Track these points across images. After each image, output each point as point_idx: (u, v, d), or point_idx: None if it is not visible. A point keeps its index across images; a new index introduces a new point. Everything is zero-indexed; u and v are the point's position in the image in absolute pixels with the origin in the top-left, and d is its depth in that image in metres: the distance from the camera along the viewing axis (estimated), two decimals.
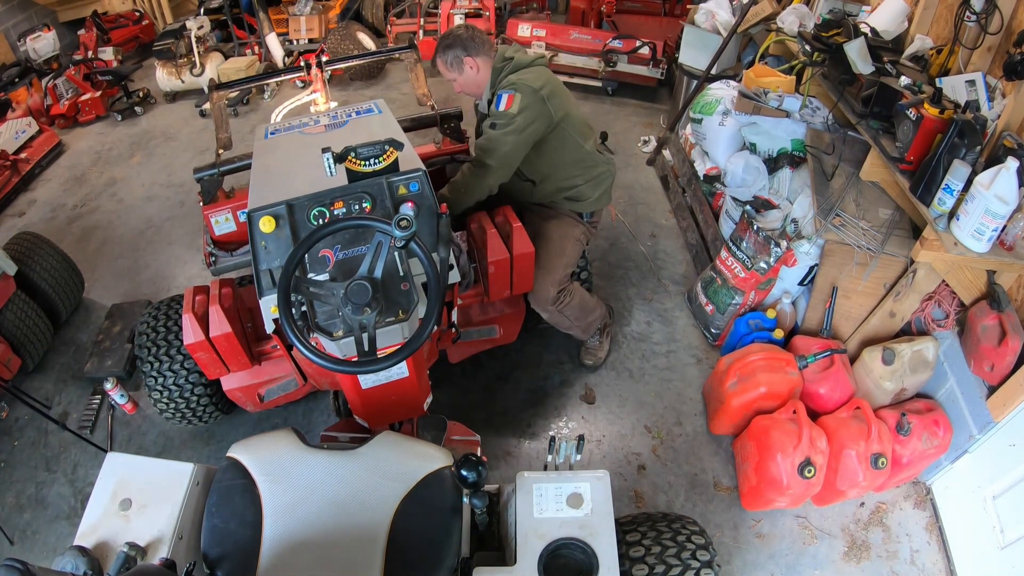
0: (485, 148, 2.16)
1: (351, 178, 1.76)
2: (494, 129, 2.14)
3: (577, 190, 2.39)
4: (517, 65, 2.23)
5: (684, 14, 4.48)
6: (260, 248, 1.70)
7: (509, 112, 2.12)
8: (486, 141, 2.16)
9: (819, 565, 2.13)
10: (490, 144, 2.15)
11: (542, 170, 2.34)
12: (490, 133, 2.15)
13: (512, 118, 2.12)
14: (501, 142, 2.14)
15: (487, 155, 2.15)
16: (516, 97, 2.13)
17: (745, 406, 2.27)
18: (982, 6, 2.06)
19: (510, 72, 2.23)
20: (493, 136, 2.14)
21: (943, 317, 2.24)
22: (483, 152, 2.17)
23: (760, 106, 2.78)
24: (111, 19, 5.92)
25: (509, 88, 2.15)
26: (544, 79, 2.19)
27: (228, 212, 2.42)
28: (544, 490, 1.53)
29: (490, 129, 2.15)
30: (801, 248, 2.43)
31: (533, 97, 2.13)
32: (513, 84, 2.16)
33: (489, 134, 2.15)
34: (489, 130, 2.15)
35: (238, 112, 4.93)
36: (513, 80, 2.17)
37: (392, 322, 1.57)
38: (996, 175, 1.77)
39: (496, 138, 2.14)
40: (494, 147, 2.15)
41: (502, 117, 2.13)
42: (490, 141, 2.15)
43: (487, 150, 2.16)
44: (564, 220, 2.44)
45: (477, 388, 2.72)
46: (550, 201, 2.44)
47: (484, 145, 2.17)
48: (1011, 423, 1.93)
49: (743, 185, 2.80)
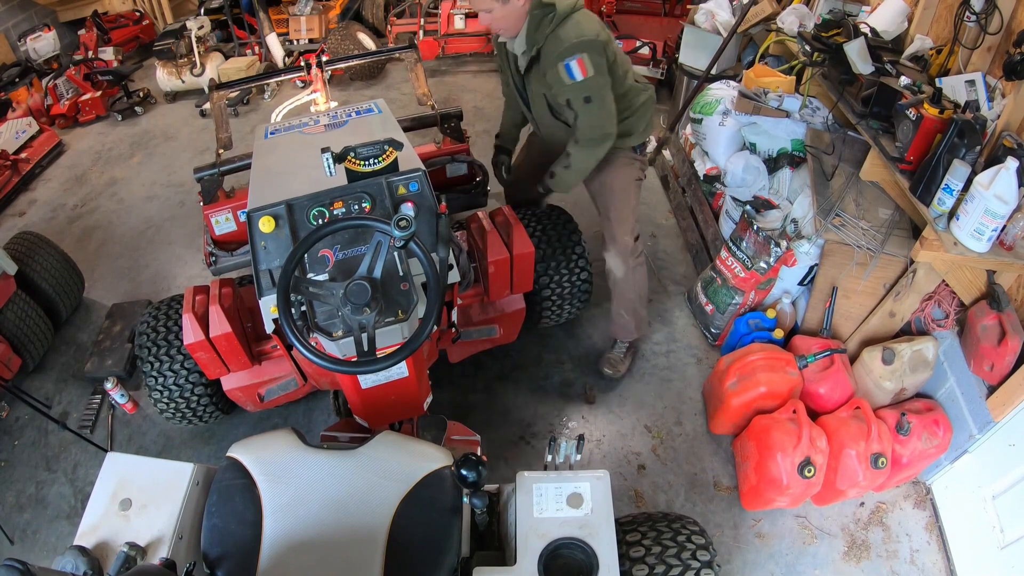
0: (596, 124, 2.10)
1: (351, 178, 1.76)
2: (590, 103, 2.04)
3: (626, 123, 2.28)
4: (562, 15, 2.01)
5: (684, 14, 4.48)
6: (260, 248, 1.70)
7: (588, 78, 2.00)
8: (594, 119, 2.09)
9: (819, 565, 2.13)
10: (598, 119, 2.08)
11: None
12: (591, 109, 2.06)
13: (596, 81, 2.02)
14: (606, 106, 2.07)
15: (602, 128, 2.10)
16: (585, 60, 1.98)
17: (745, 406, 2.27)
18: (982, 6, 2.06)
19: (556, 25, 2.01)
20: (595, 110, 2.06)
21: (943, 317, 2.24)
22: (597, 128, 2.11)
23: (760, 106, 2.78)
24: (111, 19, 5.93)
25: (573, 52, 1.98)
26: (596, 24, 2.05)
27: (228, 212, 2.42)
28: (544, 490, 1.53)
29: (586, 104, 2.04)
30: (801, 248, 2.43)
31: (597, 50, 2.00)
32: (575, 46, 1.97)
33: (591, 110, 2.06)
34: (587, 106, 2.05)
35: (238, 112, 4.93)
36: (572, 39, 1.98)
37: (392, 322, 1.57)
38: (996, 175, 1.77)
39: (598, 109, 2.06)
40: (601, 119, 2.09)
41: (587, 88, 2.02)
42: (596, 116, 2.08)
43: (598, 125, 2.10)
44: (620, 163, 2.37)
45: (477, 388, 2.72)
46: None
47: (595, 122, 2.10)
48: (1011, 423, 1.93)
49: (743, 185, 2.80)
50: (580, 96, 2.04)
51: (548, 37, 2.01)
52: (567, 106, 2.10)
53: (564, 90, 2.04)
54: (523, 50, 2.11)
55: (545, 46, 2.03)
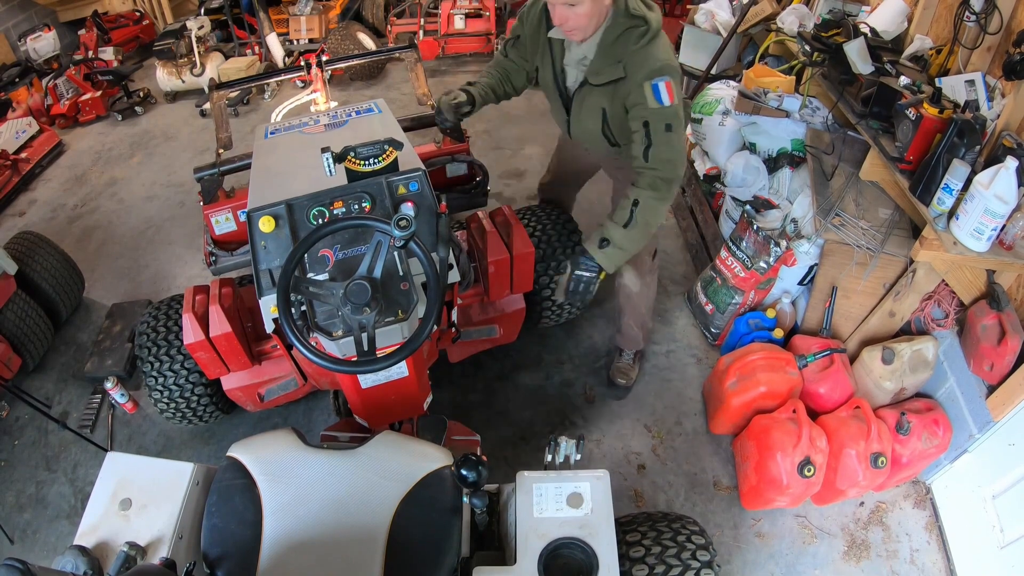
0: (672, 159, 1.85)
1: (350, 178, 1.76)
2: (671, 131, 1.83)
3: None
4: (655, 32, 1.84)
5: (684, 14, 4.48)
6: (260, 248, 1.71)
7: (674, 106, 1.82)
8: (672, 152, 1.85)
9: (819, 564, 2.13)
10: (676, 154, 1.86)
11: (628, 131, 1.99)
12: (670, 139, 1.84)
13: (679, 111, 1.84)
14: (682, 141, 1.87)
15: (675, 167, 1.86)
16: (673, 85, 1.82)
17: (745, 405, 2.27)
18: (981, 6, 2.06)
19: (649, 41, 1.83)
20: (674, 142, 1.85)
21: (943, 317, 2.24)
22: (670, 165, 1.85)
23: (760, 106, 2.78)
24: (111, 19, 5.93)
25: (663, 74, 1.81)
26: (671, 49, 1.90)
27: (228, 212, 2.42)
28: (544, 490, 1.53)
29: (666, 132, 1.83)
30: (801, 248, 2.43)
31: (679, 78, 1.86)
32: (667, 67, 1.82)
33: (671, 141, 1.84)
34: (666, 134, 1.83)
35: (238, 112, 4.93)
36: (663, 60, 1.83)
37: (392, 322, 1.57)
38: (995, 174, 1.77)
39: (677, 143, 1.85)
40: (678, 156, 1.86)
41: (672, 115, 1.82)
42: (674, 150, 1.85)
43: (674, 161, 1.86)
44: None
45: (477, 388, 2.72)
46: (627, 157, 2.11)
47: (671, 157, 1.85)
48: (1011, 422, 1.93)
49: (743, 185, 2.80)
50: (663, 122, 1.83)
51: (636, 52, 1.84)
52: (642, 130, 1.86)
53: (646, 112, 1.84)
54: (589, 57, 1.95)
55: (632, 61, 1.85)
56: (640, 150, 1.87)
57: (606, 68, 1.91)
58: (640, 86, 1.84)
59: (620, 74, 1.88)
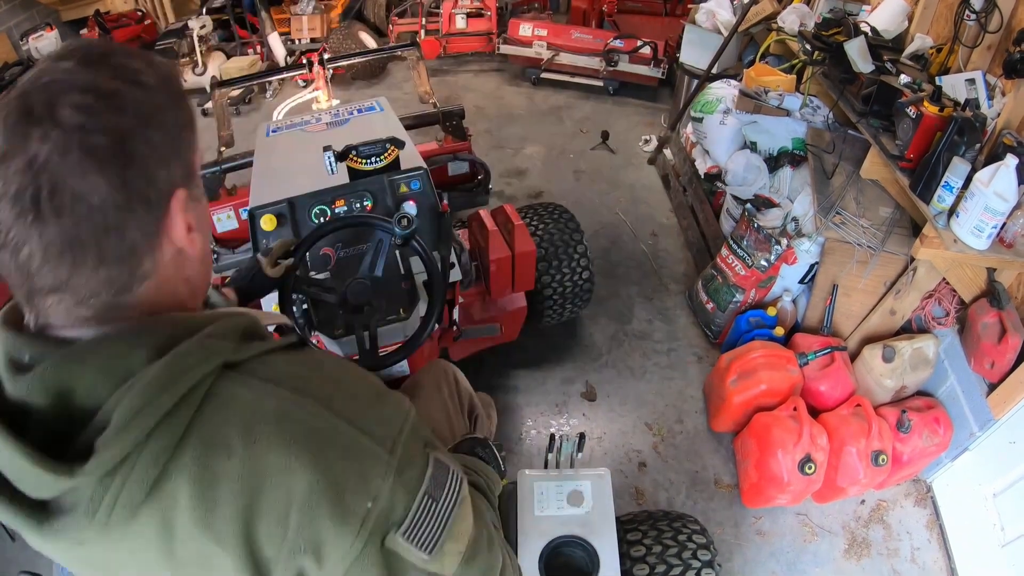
0: None
1: (352, 176, 1.77)
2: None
3: None
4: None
5: (685, 14, 4.49)
6: (262, 246, 1.71)
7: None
8: None
9: (820, 562, 2.13)
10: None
11: None
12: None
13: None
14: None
15: None
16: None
17: (746, 403, 2.27)
18: (982, 5, 2.06)
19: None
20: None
21: (943, 315, 2.24)
22: None
23: (761, 105, 2.79)
24: (113, 18, 5.92)
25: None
26: None
27: (230, 210, 2.43)
28: (545, 488, 1.53)
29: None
30: (802, 246, 2.43)
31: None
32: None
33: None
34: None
35: (240, 111, 4.94)
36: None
37: (393, 320, 1.57)
38: (995, 172, 1.77)
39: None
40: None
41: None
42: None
43: None
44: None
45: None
46: None
47: None
48: (1011, 420, 1.93)
49: (744, 183, 2.81)
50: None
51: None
52: None
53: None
54: None
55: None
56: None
57: None
58: None
59: None
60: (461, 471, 0.75)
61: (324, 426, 0.63)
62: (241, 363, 0.64)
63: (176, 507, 0.59)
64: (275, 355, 0.67)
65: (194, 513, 0.59)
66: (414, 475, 0.68)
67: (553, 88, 4.97)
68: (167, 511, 0.59)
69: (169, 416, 0.57)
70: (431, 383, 1.55)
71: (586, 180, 3.96)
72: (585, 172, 4.03)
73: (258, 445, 0.60)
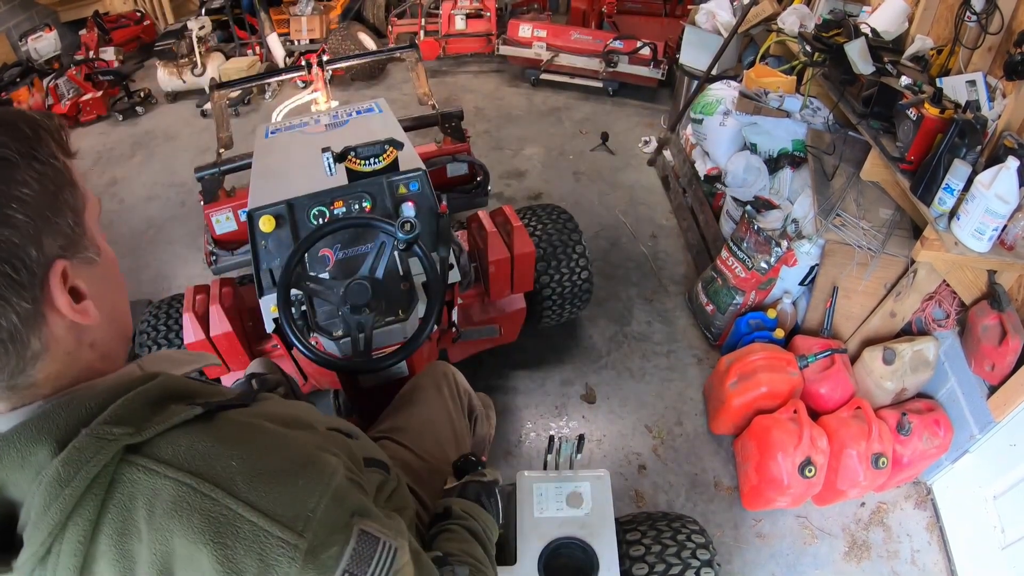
0: None
1: (351, 177, 1.76)
2: None
3: None
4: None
5: (685, 15, 4.48)
6: (260, 247, 1.71)
7: None
8: None
9: (820, 565, 2.13)
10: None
11: None
12: None
13: None
14: None
15: None
16: None
17: (746, 406, 2.27)
18: (982, 6, 2.06)
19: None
20: None
21: (944, 317, 2.24)
22: None
23: (761, 106, 2.78)
24: (112, 19, 5.93)
25: None
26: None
27: (229, 211, 2.43)
28: (544, 489, 1.53)
29: None
30: (802, 248, 2.43)
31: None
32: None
33: None
34: None
35: (239, 112, 4.94)
36: None
37: (392, 322, 1.57)
38: (996, 174, 1.77)
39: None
40: None
41: None
42: None
43: None
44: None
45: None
46: None
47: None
48: (1012, 423, 1.93)
49: (744, 185, 2.80)
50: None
51: None
52: None
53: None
54: None
55: None
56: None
57: None
58: None
59: None
60: (395, 541, 0.69)
61: (224, 513, 0.60)
62: (143, 444, 0.62)
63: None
64: (179, 431, 0.64)
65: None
66: (331, 554, 0.63)
67: (552, 89, 4.97)
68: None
69: (79, 507, 0.58)
70: (431, 384, 1.55)
71: (585, 181, 3.96)
72: (584, 173, 4.03)
73: (163, 532, 0.60)
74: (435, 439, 1.46)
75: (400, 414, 1.50)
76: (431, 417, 1.49)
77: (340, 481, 0.68)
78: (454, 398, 1.57)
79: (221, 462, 0.63)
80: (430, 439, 1.45)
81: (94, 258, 0.67)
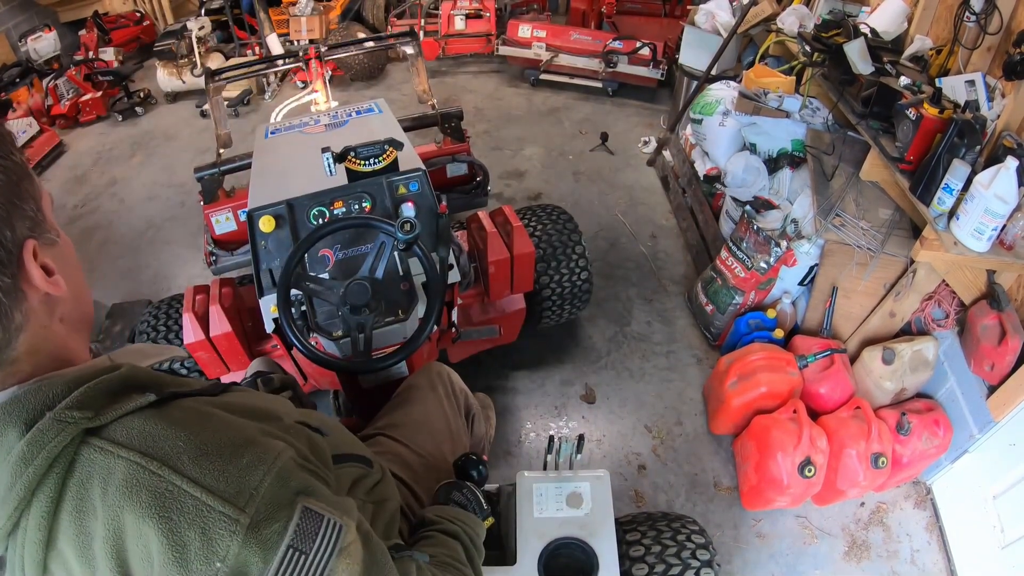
0: None
1: (351, 178, 1.77)
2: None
3: None
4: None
5: (684, 15, 4.49)
6: (260, 248, 1.71)
7: None
8: None
9: (819, 565, 2.13)
10: None
11: None
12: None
13: None
14: None
15: None
16: None
17: (745, 406, 2.27)
18: (981, 6, 2.06)
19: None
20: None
21: (943, 317, 2.24)
22: None
23: (760, 107, 2.78)
24: (112, 20, 5.93)
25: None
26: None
27: (228, 211, 2.43)
28: (544, 490, 1.53)
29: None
30: (801, 248, 2.43)
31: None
32: None
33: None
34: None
35: (239, 112, 4.94)
36: None
37: (392, 322, 1.57)
38: (996, 174, 1.77)
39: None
40: None
41: None
42: None
43: None
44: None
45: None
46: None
47: None
48: (1011, 422, 1.93)
49: (743, 185, 2.80)
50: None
51: None
52: None
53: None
54: None
55: None
56: None
57: None
58: None
59: None
60: (340, 519, 0.71)
61: (169, 489, 0.64)
62: (101, 428, 0.66)
63: (68, 564, 0.66)
64: (134, 416, 0.68)
65: (83, 570, 0.66)
66: (275, 530, 0.66)
67: (552, 89, 4.97)
68: (67, 568, 0.66)
69: (42, 484, 0.63)
70: (426, 385, 1.56)
71: (585, 181, 3.96)
72: (584, 173, 4.03)
73: (115, 508, 0.64)
74: (430, 435, 1.48)
75: (395, 412, 1.52)
76: (426, 414, 1.50)
77: (286, 462, 0.71)
78: (449, 397, 1.58)
79: (169, 442, 0.67)
80: (425, 435, 1.47)
81: (55, 239, 0.72)
